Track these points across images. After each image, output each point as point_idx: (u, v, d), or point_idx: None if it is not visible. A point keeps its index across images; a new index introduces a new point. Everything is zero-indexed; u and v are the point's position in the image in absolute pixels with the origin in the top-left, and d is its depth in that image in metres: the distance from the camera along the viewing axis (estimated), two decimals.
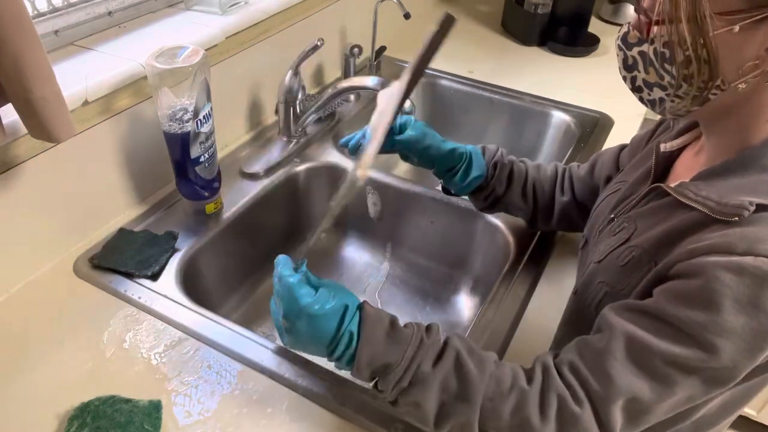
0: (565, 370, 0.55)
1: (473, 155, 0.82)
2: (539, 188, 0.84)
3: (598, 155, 0.84)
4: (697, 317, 0.48)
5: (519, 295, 0.83)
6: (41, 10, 0.85)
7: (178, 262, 0.85)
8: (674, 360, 0.50)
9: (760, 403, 1.59)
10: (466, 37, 1.61)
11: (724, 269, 0.47)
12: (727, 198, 0.50)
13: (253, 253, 1.05)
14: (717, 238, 0.49)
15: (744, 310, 0.47)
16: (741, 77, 0.49)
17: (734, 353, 0.48)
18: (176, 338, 0.74)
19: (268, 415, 0.66)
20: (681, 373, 0.50)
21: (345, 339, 0.56)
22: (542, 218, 0.85)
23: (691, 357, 0.49)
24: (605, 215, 0.67)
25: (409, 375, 0.55)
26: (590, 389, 0.53)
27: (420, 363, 0.56)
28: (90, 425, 0.62)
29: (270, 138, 1.13)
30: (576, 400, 0.53)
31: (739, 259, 0.46)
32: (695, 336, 0.49)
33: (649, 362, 0.51)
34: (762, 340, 0.47)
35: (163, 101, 0.81)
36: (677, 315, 0.49)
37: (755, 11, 0.45)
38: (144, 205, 0.95)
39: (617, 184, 0.69)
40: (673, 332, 0.50)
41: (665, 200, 0.57)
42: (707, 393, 0.52)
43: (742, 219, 0.48)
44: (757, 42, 0.47)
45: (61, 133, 0.68)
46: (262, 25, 1.06)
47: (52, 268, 0.83)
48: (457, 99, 1.39)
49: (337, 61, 1.33)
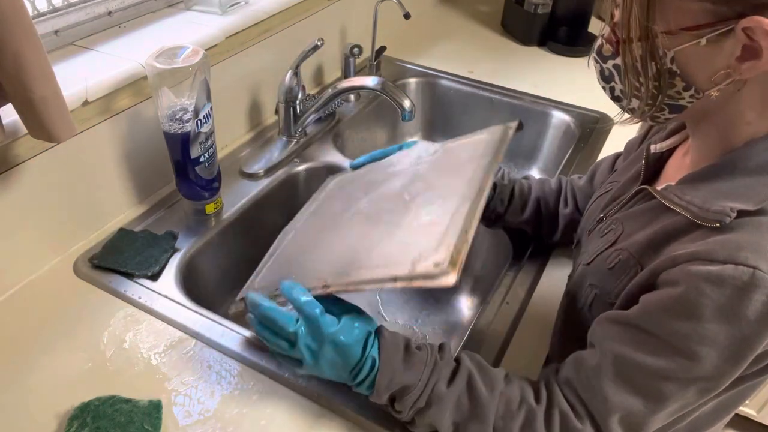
0: (565, 389, 0.57)
1: None
2: (543, 203, 0.85)
3: (597, 165, 0.85)
4: (680, 327, 0.49)
5: (519, 295, 0.83)
6: (41, 10, 0.85)
7: (178, 262, 0.85)
8: (661, 374, 0.51)
9: (760, 403, 1.59)
10: (466, 37, 1.61)
11: (704, 280, 0.47)
12: (709, 203, 0.51)
13: (253, 253, 1.05)
14: (699, 245, 0.49)
15: (725, 320, 0.47)
16: (714, 86, 0.50)
17: (718, 361, 0.49)
18: (176, 338, 0.74)
19: (268, 415, 0.66)
20: (670, 386, 0.51)
21: (368, 364, 0.58)
22: (547, 232, 0.87)
23: (677, 369, 0.50)
24: (596, 215, 0.67)
25: (425, 396, 0.57)
26: (588, 406, 0.55)
27: (435, 384, 0.58)
28: (90, 425, 0.62)
29: (270, 138, 1.13)
30: (578, 417, 0.55)
31: (719, 269, 0.47)
32: (679, 347, 0.50)
33: (638, 379, 0.53)
34: (745, 348, 0.48)
35: (163, 101, 0.81)
36: (661, 326, 0.51)
37: (720, 24, 0.46)
38: (144, 205, 0.95)
39: (609, 184, 0.70)
40: (658, 344, 0.51)
41: (651, 203, 0.58)
42: (699, 400, 0.53)
43: (723, 225, 0.49)
44: (725, 52, 0.47)
45: (61, 133, 0.68)
46: (262, 25, 1.06)
47: (52, 268, 0.83)
48: (457, 99, 1.39)
49: (337, 61, 1.33)
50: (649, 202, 0.58)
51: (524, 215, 0.85)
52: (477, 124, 1.39)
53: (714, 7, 0.46)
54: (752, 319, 0.47)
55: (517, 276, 0.86)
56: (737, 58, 0.47)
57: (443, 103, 1.41)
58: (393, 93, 0.96)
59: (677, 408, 0.53)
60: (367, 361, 0.58)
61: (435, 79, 1.40)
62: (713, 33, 0.47)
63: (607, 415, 0.54)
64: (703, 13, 0.46)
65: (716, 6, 0.46)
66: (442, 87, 1.40)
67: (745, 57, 0.47)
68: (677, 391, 0.52)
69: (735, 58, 0.47)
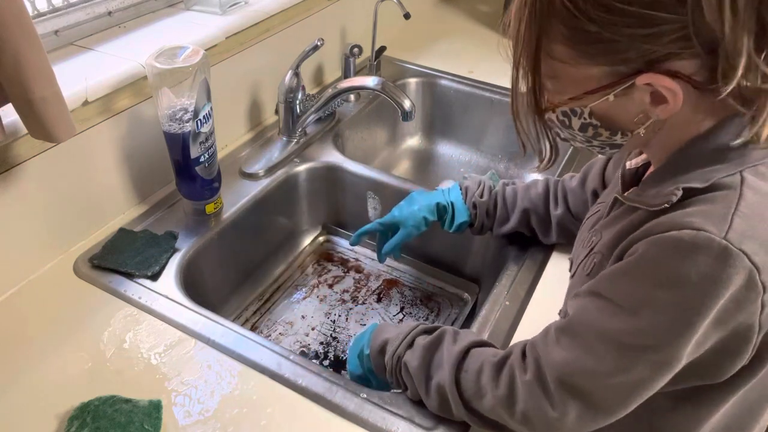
0: (527, 349, 0.61)
1: (455, 206, 0.90)
2: (532, 208, 0.87)
3: (589, 167, 0.86)
4: (627, 290, 0.51)
5: (519, 295, 0.83)
6: (41, 10, 0.85)
7: (178, 262, 0.85)
8: (607, 335, 0.52)
9: None
10: (466, 37, 1.61)
11: (652, 244, 0.49)
12: (661, 192, 0.53)
13: (253, 253, 1.05)
14: (651, 225, 0.51)
15: (669, 283, 0.48)
16: (639, 126, 0.53)
17: (663, 327, 0.49)
18: (176, 338, 0.74)
19: (268, 415, 0.66)
20: (615, 350, 0.52)
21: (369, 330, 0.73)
22: (542, 233, 0.88)
23: (622, 331, 0.51)
24: (584, 234, 0.69)
25: (405, 344, 0.67)
26: (538, 361, 0.57)
27: (415, 337, 0.68)
28: (90, 425, 0.62)
29: (270, 138, 1.13)
30: (524, 370, 0.58)
31: (664, 235, 0.49)
32: (624, 307, 0.51)
33: (586, 337, 0.54)
34: (690, 313, 0.48)
35: (163, 101, 0.81)
36: (610, 289, 0.53)
37: (621, 82, 0.49)
38: (144, 205, 0.95)
39: (598, 205, 0.72)
40: (605, 304, 0.53)
41: (621, 209, 0.60)
42: (657, 377, 0.52)
43: (673, 205, 0.50)
44: (637, 101, 0.50)
45: (61, 133, 0.68)
46: (262, 25, 1.06)
47: (52, 268, 0.83)
48: (457, 99, 1.39)
49: (337, 61, 1.33)
50: (620, 208, 0.61)
51: (510, 224, 0.88)
52: (477, 124, 1.39)
53: (611, 69, 0.49)
54: (695, 281, 0.47)
55: (517, 276, 0.86)
56: (649, 103, 0.50)
57: (443, 103, 1.41)
58: (393, 93, 0.96)
59: (632, 382, 0.52)
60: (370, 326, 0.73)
61: (435, 79, 1.40)
62: (618, 88, 0.49)
63: (548, 370, 0.56)
64: (603, 75, 0.50)
65: (613, 67, 0.49)
66: (442, 87, 1.40)
67: (656, 102, 0.49)
68: (624, 358, 0.51)
69: (648, 104, 0.50)
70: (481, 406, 0.61)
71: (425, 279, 1.11)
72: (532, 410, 0.57)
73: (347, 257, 1.16)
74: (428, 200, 0.91)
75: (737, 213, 0.47)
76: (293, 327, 1.00)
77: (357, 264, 1.14)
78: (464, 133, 1.42)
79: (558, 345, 0.56)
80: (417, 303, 1.07)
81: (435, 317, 1.04)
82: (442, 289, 1.10)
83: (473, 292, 1.08)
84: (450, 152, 1.44)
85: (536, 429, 0.58)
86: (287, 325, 1.01)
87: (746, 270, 0.46)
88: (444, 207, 0.90)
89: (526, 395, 0.57)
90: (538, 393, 0.56)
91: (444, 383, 0.62)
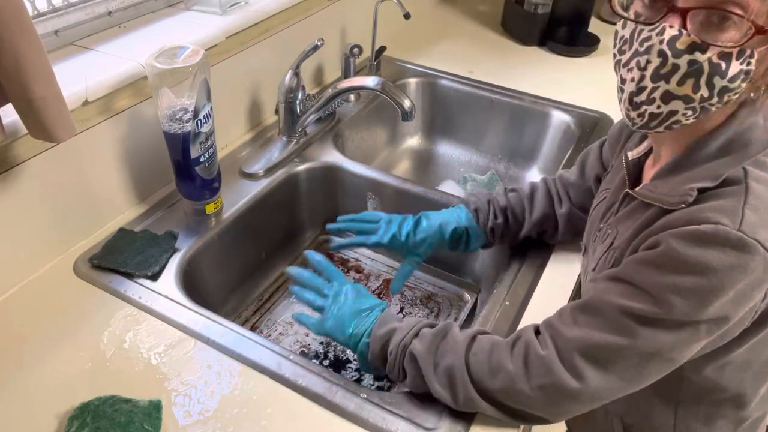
0: (542, 327, 0.63)
1: (470, 232, 0.88)
2: (541, 216, 0.87)
3: (584, 156, 0.87)
4: (653, 277, 0.54)
5: (519, 295, 0.83)
6: (41, 10, 0.85)
7: (178, 262, 0.85)
8: (631, 312, 0.55)
9: None
10: (466, 37, 1.61)
11: (672, 237, 0.54)
12: (675, 190, 0.57)
13: (253, 253, 1.05)
14: (668, 220, 0.56)
15: (691, 271, 0.52)
16: None
17: (686, 307, 0.53)
18: (176, 338, 0.74)
19: (268, 415, 0.66)
20: (638, 324, 0.55)
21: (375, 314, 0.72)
22: (549, 234, 0.88)
23: (647, 310, 0.55)
24: (597, 224, 0.72)
25: (410, 335, 0.67)
26: (555, 338, 0.60)
27: (420, 328, 0.68)
28: (90, 425, 0.62)
29: (270, 138, 1.13)
30: (543, 346, 0.60)
31: (685, 228, 0.53)
32: (651, 293, 0.54)
33: (608, 314, 0.57)
34: (711, 295, 0.52)
35: (163, 101, 0.81)
36: (636, 275, 0.56)
37: None
38: (144, 205, 0.95)
39: (603, 192, 0.74)
40: (628, 288, 0.56)
41: (634, 203, 0.63)
42: (675, 344, 0.56)
43: (688, 205, 0.55)
44: None
45: (61, 133, 0.68)
46: (262, 25, 1.06)
47: (52, 268, 0.83)
48: (457, 99, 1.39)
49: (337, 61, 1.33)
50: (633, 203, 0.63)
51: (521, 235, 0.88)
52: (477, 124, 1.39)
53: None
54: (717, 268, 0.51)
55: (517, 276, 0.86)
56: None
57: (443, 103, 1.41)
58: (393, 93, 0.96)
59: (652, 350, 0.55)
60: (375, 311, 0.72)
61: (435, 79, 1.40)
62: None
63: (568, 344, 0.58)
64: None
65: None
66: (442, 87, 1.40)
67: None
68: (645, 330, 0.55)
69: None
70: (492, 384, 0.61)
71: (425, 279, 1.11)
72: (550, 383, 0.58)
73: (347, 257, 1.16)
74: (441, 233, 0.88)
75: (747, 205, 0.52)
76: (293, 327, 1.00)
77: (357, 264, 1.14)
78: (464, 133, 1.42)
79: (576, 322, 0.59)
80: (417, 303, 1.07)
81: (435, 317, 1.04)
82: (442, 289, 1.10)
83: (473, 292, 1.08)
84: (450, 152, 1.44)
85: (555, 401, 0.60)
86: (287, 325, 1.01)
87: (762, 256, 0.51)
88: (459, 235, 0.89)
89: (544, 369, 0.59)
90: (557, 366, 0.58)
91: (454, 365, 0.63)
